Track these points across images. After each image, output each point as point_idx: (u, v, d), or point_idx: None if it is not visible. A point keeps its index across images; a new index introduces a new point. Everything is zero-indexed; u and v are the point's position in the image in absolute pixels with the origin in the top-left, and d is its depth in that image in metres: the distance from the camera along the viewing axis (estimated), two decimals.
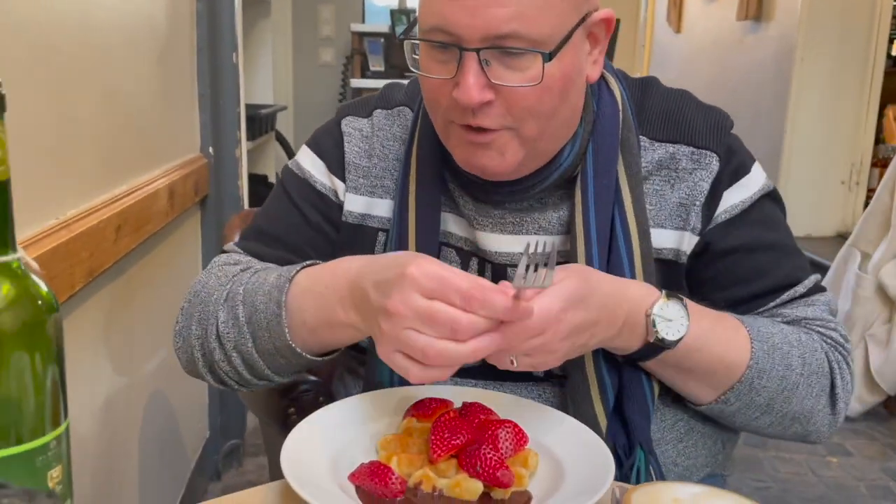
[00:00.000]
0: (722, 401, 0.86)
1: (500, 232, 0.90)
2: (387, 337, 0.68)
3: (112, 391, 1.38)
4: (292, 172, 0.98)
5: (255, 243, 0.95)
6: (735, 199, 0.89)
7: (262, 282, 0.83)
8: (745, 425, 0.91)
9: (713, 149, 0.88)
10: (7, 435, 0.44)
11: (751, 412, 0.87)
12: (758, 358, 0.84)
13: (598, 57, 0.84)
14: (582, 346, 0.77)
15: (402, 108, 0.96)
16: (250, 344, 0.82)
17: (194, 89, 1.95)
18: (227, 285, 0.86)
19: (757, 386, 0.84)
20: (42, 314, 0.45)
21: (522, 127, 0.79)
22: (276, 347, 0.81)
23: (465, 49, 0.75)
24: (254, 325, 0.81)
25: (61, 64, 1.13)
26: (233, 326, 0.82)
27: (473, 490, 0.68)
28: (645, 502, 0.57)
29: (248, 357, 0.83)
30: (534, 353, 0.71)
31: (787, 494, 2.26)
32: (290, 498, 0.69)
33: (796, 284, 0.91)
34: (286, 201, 0.96)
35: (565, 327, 0.72)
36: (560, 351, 0.73)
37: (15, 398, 0.44)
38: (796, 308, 0.91)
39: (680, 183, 0.88)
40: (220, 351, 0.84)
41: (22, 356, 0.44)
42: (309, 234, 0.95)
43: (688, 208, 0.88)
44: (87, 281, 1.17)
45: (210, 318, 0.85)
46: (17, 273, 0.45)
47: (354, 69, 4.30)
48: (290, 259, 0.92)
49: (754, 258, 0.90)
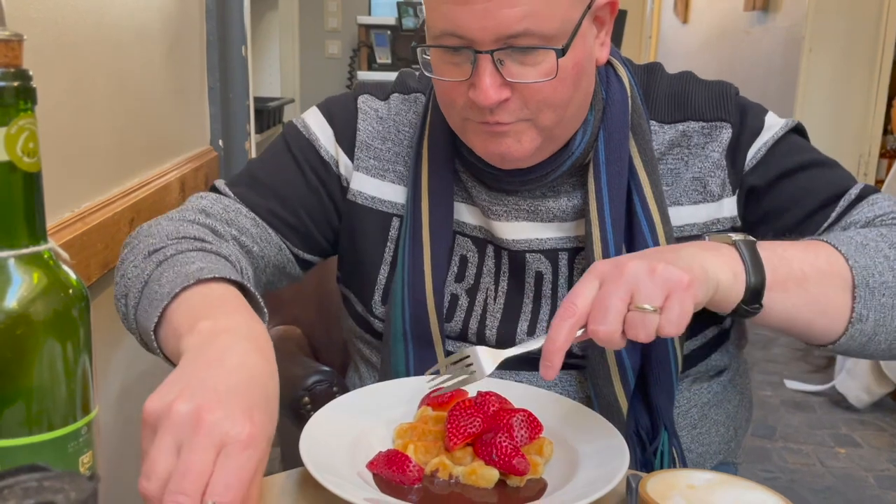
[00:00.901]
0: (856, 319, 0.75)
1: (514, 220, 0.90)
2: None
3: (128, 382, 1.39)
4: (297, 131, 0.96)
5: (247, 190, 0.92)
6: (759, 144, 0.89)
7: (187, 263, 0.75)
8: (894, 343, 0.78)
9: (723, 118, 0.89)
10: (40, 421, 0.45)
11: (889, 319, 0.77)
12: (853, 257, 0.76)
13: (604, 39, 0.85)
14: (653, 271, 0.65)
15: (417, 94, 0.96)
16: (133, 302, 0.77)
17: (204, 83, 1.96)
18: (166, 243, 0.81)
19: (874, 284, 0.75)
20: (73, 302, 0.46)
21: (539, 117, 0.80)
22: (142, 322, 0.75)
23: (479, 52, 0.76)
24: (147, 291, 0.75)
25: (77, 59, 1.14)
26: (135, 277, 0.77)
27: (489, 477, 0.68)
28: (661, 489, 0.58)
29: (128, 309, 0.78)
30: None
31: (795, 485, 2.26)
32: (307, 485, 0.70)
33: (847, 191, 0.87)
34: (288, 156, 0.94)
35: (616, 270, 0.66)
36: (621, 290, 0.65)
37: (48, 385, 0.45)
38: (860, 212, 0.85)
39: (693, 159, 0.89)
40: (120, 283, 0.81)
41: (54, 344, 0.45)
42: (304, 192, 0.93)
43: (703, 181, 0.88)
44: (102, 273, 1.18)
45: (133, 256, 0.81)
46: (48, 263, 0.46)
47: (361, 61, 4.30)
48: (279, 212, 0.91)
49: (796, 180, 0.87)
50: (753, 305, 0.72)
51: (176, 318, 0.69)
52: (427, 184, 0.90)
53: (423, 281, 0.89)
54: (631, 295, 0.65)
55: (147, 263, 0.78)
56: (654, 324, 0.64)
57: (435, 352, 0.91)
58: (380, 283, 0.94)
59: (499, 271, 0.92)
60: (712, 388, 0.96)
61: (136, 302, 0.76)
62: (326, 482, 0.64)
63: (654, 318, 0.64)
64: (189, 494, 0.51)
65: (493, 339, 0.91)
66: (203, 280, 0.71)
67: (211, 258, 0.78)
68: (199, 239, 0.82)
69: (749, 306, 0.72)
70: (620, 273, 0.66)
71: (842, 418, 2.69)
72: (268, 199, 0.92)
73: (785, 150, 0.89)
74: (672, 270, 0.66)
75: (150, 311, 0.72)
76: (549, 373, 0.65)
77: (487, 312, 0.92)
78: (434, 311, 0.89)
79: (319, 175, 0.94)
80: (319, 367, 1.10)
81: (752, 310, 0.72)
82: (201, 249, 0.80)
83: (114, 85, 1.30)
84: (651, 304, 0.64)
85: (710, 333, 0.92)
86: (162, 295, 0.71)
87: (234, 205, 0.91)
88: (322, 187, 0.94)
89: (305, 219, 0.93)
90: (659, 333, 0.65)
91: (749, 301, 0.72)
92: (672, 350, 0.87)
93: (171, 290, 0.71)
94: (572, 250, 0.90)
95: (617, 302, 0.65)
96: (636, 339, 0.65)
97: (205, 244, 0.81)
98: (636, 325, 0.64)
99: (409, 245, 0.90)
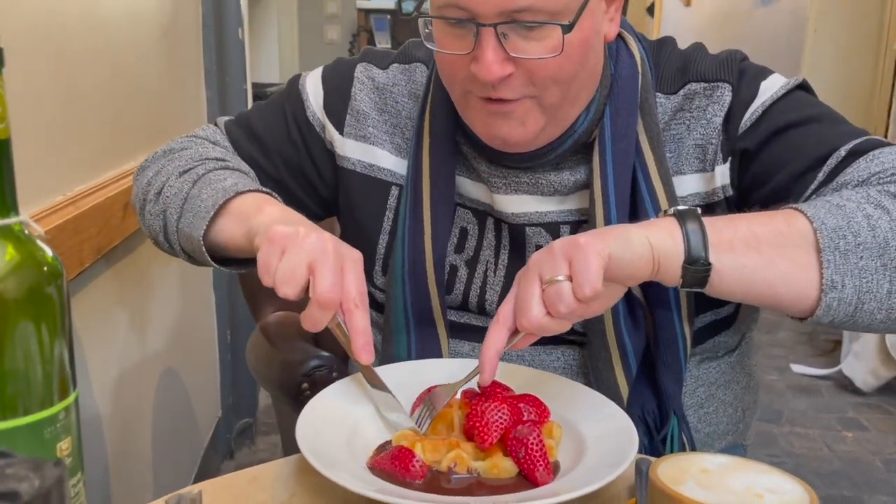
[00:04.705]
0: (828, 286, 0.67)
1: (514, 192, 0.88)
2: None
3: (123, 370, 1.37)
4: (296, 87, 0.98)
5: (238, 130, 0.99)
6: (753, 107, 0.83)
7: (221, 178, 0.86)
8: (892, 314, 0.70)
9: (724, 78, 0.84)
10: (15, 405, 0.42)
11: (875, 286, 0.68)
12: (821, 218, 0.69)
13: (614, 14, 0.82)
14: (590, 246, 0.65)
15: (418, 64, 0.94)
16: (176, 217, 0.87)
17: (200, 66, 1.93)
18: (197, 161, 0.91)
19: (846, 247, 0.68)
20: (48, 279, 0.43)
21: (544, 94, 0.78)
22: (187, 231, 0.86)
23: (482, 25, 0.73)
24: (188, 205, 0.86)
25: (69, 40, 1.11)
26: (174, 196, 0.88)
27: (512, 469, 0.66)
28: (673, 473, 0.56)
29: (170, 224, 0.88)
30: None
31: (802, 469, 2.25)
32: (304, 472, 0.68)
33: (840, 148, 0.78)
34: (279, 107, 0.98)
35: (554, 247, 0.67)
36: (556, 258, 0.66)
37: (21, 368, 0.42)
38: (855, 170, 0.76)
39: (695, 123, 0.85)
40: (154, 204, 0.90)
41: (27, 324, 0.42)
42: (284, 143, 0.96)
43: (704, 148, 0.85)
44: (95, 258, 1.16)
45: (163, 175, 0.91)
46: (19, 237, 0.43)
47: (360, 46, 4.28)
48: (258, 159, 0.97)
49: (788, 138, 0.81)
50: (701, 265, 0.68)
51: (228, 221, 0.82)
52: (428, 157, 0.89)
53: (423, 255, 0.88)
54: (539, 277, 0.66)
55: (183, 183, 0.87)
56: (568, 289, 0.64)
57: (436, 324, 0.90)
58: (379, 252, 0.94)
59: (499, 244, 0.91)
60: (720, 367, 0.94)
61: (178, 216, 0.86)
62: (323, 468, 0.61)
63: (566, 284, 0.65)
64: (338, 298, 0.70)
65: (495, 312, 0.89)
66: (241, 192, 0.83)
67: (238, 174, 0.89)
68: (220, 159, 0.92)
69: (695, 266, 0.68)
70: (527, 268, 0.68)
71: (848, 402, 2.68)
72: (252, 143, 0.97)
73: (781, 109, 0.82)
74: (567, 239, 0.67)
75: (196, 221, 0.84)
76: (485, 377, 0.69)
77: (487, 285, 0.91)
78: (434, 284, 0.88)
79: (301, 131, 0.96)
80: (319, 353, 1.08)
81: (702, 270, 0.68)
82: (226, 168, 0.90)
83: (107, 67, 1.27)
84: (558, 273, 0.65)
85: (721, 312, 0.90)
86: (207, 207, 0.83)
87: (227, 152, 0.97)
88: (302, 142, 0.96)
89: (282, 169, 0.96)
90: (578, 296, 0.64)
91: (694, 262, 0.67)
92: (680, 331, 0.85)
93: (214, 202, 0.83)
94: (574, 223, 0.88)
95: (529, 288, 0.66)
96: (559, 313, 0.65)
97: (227, 163, 0.92)
98: (553, 298, 0.65)
99: (410, 219, 0.89)
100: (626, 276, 0.67)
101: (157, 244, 0.94)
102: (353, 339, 0.71)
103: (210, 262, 0.86)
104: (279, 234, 0.71)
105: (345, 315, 0.71)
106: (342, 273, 0.71)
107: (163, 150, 0.97)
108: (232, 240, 0.82)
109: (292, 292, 0.69)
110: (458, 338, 0.92)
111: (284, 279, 0.69)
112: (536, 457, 0.65)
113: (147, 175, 0.94)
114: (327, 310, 0.69)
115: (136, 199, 0.95)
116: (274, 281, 0.70)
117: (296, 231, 0.71)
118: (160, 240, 0.91)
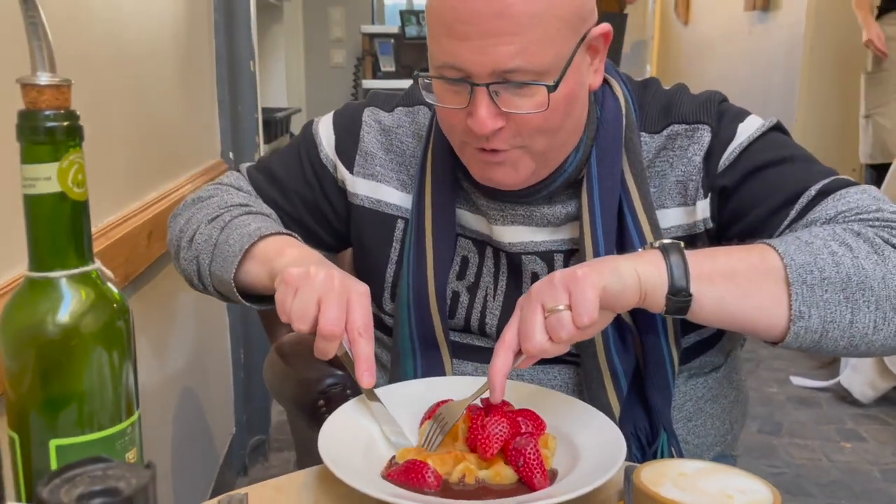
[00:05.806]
0: (797, 316, 0.75)
1: (511, 224, 0.95)
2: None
3: (145, 389, 1.43)
4: (310, 131, 1.06)
5: (259, 175, 1.06)
6: (731, 148, 0.90)
7: (246, 224, 0.94)
8: (853, 341, 0.77)
9: (704, 120, 0.91)
10: (92, 422, 0.50)
11: (838, 316, 0.75)
12: (791, 255, 0.76)
13: (598, 66, 0.89)
14: (584, 278, 0.72)
15: (421, 107, 1.02)
16: (208, 262, 0.94)
17: (214, 97, 2.01)
18: (223, 208, 0.98)
19: (812, 281, 0.75)
20: (117, 315, 0.52)
21: (532, 144, 0.85)
22: (219, 274, 0.93)
23: (476, 84, 0.81)
24: (218, 251, 0.93)
25: (102, 82, 1.18)
26: (205, 242, 0.95)
27: (512, 476, 0.73)
28: (653, 477, 0.62)
29: (203, 269, 0.96)
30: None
31: (801, 480, 2.28)
32: (325, 480, 0.75)
33: (811, 187, 0.85)
34: (295, 151, 1.06)
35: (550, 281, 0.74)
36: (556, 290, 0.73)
37: (97, 389, 0.50)
38: (823, 209, 0.83)
39: (678, 161, 0.92)
40: (188, 251, 0.97)
41: (102, 353, 0.50)
42: (301, 184, 1.04)
43: (685, 184, 0.91)
44: (122, 286, 1.22)
45: (194, 223, 0.98)
46: (95, 281, 0.51)
47: (366, 70, 4.35)
48: (277, 200, 1.04)
49: (764, 177, 0.88)
50: (683, 296, 0.75)
51: (254, 264, 0.90)
52: (431, 192, 0.96)
53: (426, 285, 0.95)
54: (542, 306, 0.73)
55: (212, 230, 0.95)
56: (568, 318, 0.72)
57: (439, 346, 0.96)
58: (388, 280, 1.01)
59: (498, 271, 0.98)
60: (707, 382, 1.01)
61: (209, 261, 0.94)
62: (346, 477, 0.68)
63: (566, 314, 0.72)
64: (339, 330, 0.77)
65: (495, 334, 0.97)
66: (264, 236, 0.91)
67: (261, 218, 0.97)
68: (244, 205, 1.00)
69: (678, 297, 0.75)
70: (529, 296, 0.75)
71: (847, 413, 2.71)
72: (272, 186, 1.05)
73: (758, 149, 0.89)
74: (566, 271, 0.74)
75: (226, 265, 0.91)
76: (496, 396, 0.75)
77: (487, 309, 0.98)
78: (437, 312, 0.95)
79: (316, 171, 1.04)
80: (334, 371, 1.14)
81: (683, 300, 0.76)
82: (249, 213, 0.98)
83: (130, 103, 1.34)
84: (559, 303, 0.72)
85: (704, 333, 0.97)
86: (234, 252, 0.91)
87: (249, 197, 1.04)
88: (317, 181, 1.03)
89: (300, 207, 1.04)
90: (577, 324, 0.71)
91: (677, 293, 0.75)
92: (668, 353, 0.91)
93: (240, 247, 0.90)
94: (566, 252, 0.96)
95: (532, 317, 0.73)
96: (560, 340, 0.72)
97: (251, 208, 0.99)
98: (555, 326, 0.72)
99: (414, 249, 0.96)
100: (617, 304, 0.75)
101: (192, 286, 1.01)
102: (356, 365, 0.79)
103: (242, 300, 0.93)
104: (292, 276, 0.79)
105: (350, 343, 0.79)
106: (348, 305, 0.78)
107: (192, 198, 1.05)
108: (258, 281, 0.90)
109: (306, 327, 0.78)
110: (461, 357, 0.99)
111: (298, 316, 0.78)
112: (534, 465, 0.72)
113: (179, 223, 1.02)
114: (330, 341, 0.77)
115: (171, 245, 1.03)
116: (290, 318, 0.78)
117: (307, 271, 0.79)
118: (195, 282, 0.99)
